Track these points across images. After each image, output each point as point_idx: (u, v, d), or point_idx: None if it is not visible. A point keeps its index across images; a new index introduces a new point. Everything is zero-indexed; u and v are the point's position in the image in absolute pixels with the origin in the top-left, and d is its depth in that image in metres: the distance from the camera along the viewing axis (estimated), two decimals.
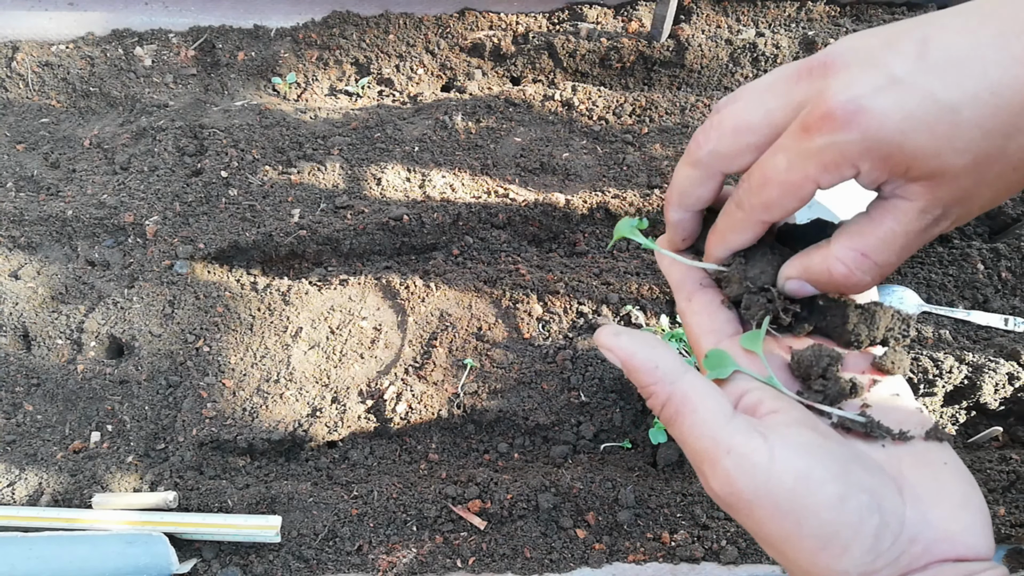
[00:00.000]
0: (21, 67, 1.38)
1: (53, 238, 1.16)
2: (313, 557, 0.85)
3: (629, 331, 0.31)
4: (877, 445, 0.31)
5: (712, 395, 0.29)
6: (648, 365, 0.29)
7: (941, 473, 0.30)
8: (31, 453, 0.97)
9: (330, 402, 0.99)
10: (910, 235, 0.30)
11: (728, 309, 0.36)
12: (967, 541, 0.28)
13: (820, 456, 0.27)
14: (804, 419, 0.30)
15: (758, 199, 0.31)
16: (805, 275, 0.32)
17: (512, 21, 1.46)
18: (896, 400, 0.33)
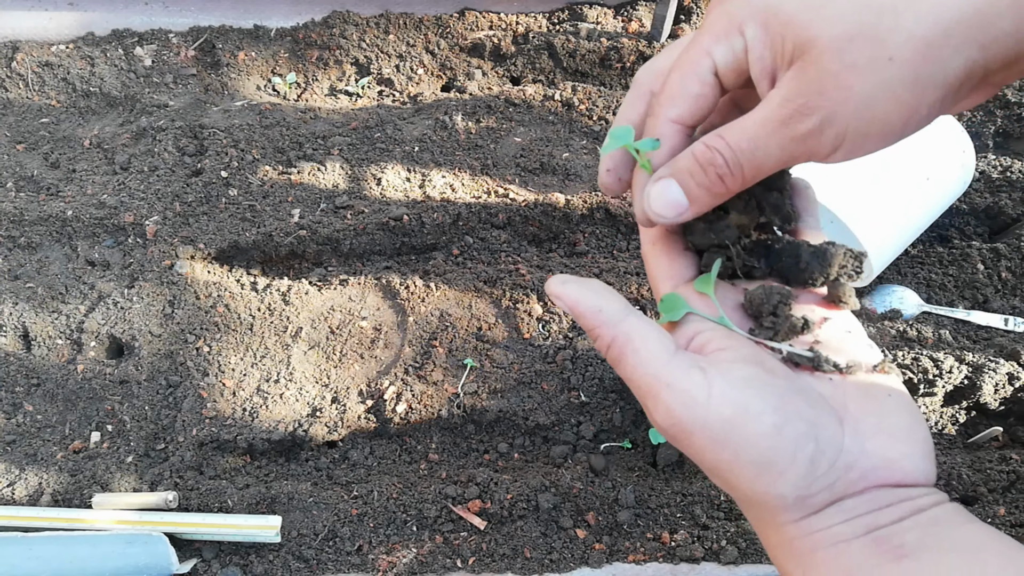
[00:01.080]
0: (21, 67, 1.38)
1: (53, 238, 1.16)
2: (313, 557, 0.85)
3: (576, 279, 0.31)
4: (825, 379, 0.32)
5: (654, 334, 0.30)
6: (593, 309, 0.30)
7: (885, 405, 0.31)
8: (31, 453, 0.97)
9: (330, 402, 0.99)
10: (769, 124, 0.29)
11: (691, 255, 0.37)
12: (905, 467, 0.29)
13: (759, 389, 0.28)
14: (751, 356, 0.31)
15: (664, 93, 0.32)
16: (675, 172, 0.32)
17: (512, 21, 1.46)
18: (847, 336, 0.34)
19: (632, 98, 0.35)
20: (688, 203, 0.32)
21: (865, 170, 1.02)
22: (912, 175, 1.03)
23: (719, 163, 0.30)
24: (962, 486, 0.91)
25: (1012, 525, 0.87)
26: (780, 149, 0.29)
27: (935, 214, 1.09)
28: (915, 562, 0.26)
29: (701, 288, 0.34)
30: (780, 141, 0.29)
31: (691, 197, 0.31)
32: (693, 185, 0.31)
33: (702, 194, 0.31)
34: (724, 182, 0.31)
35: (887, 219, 1.01)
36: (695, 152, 0.31)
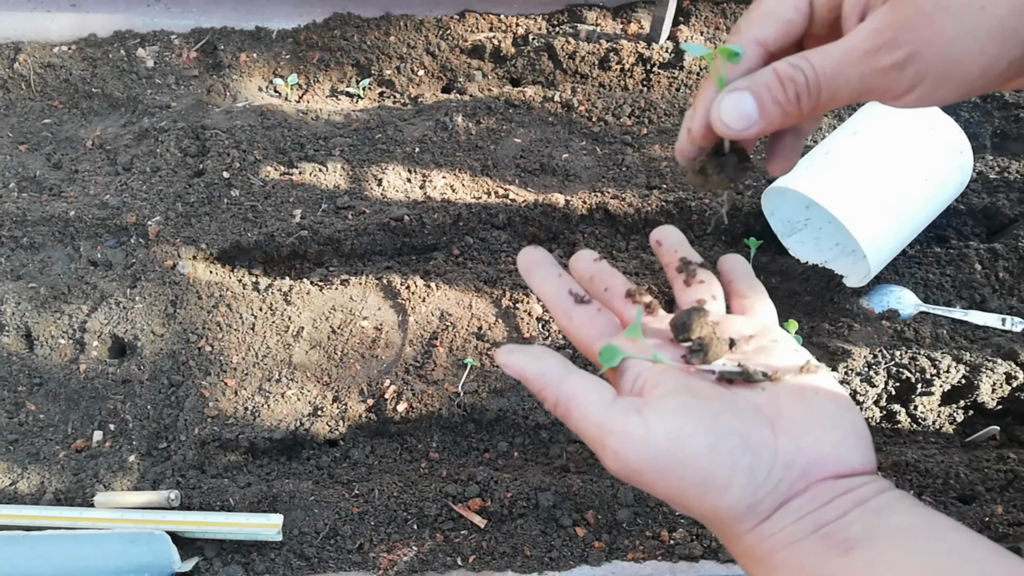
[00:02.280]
0: (23, 68, 1.38)
1: (56, 238, 1.17)
2: (314, 555, 0.86)
3: (521, 348, 0.34)
4: (758, 389, 0.34)
5: (593, 388, 0.32)
6: (536, 374, 0.33)
7: (814, 401, 0.33)
8: (34, 452, 0.97)
9: (331, 401, 0.99)
10: (855, 52, 0.30)
11: (605, 314, 0.40)
12: (840, 456, 0.31)
13: (690, 414, 0.31)
14: (682, 386, 0.33)
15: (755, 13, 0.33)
16: (752, 85, 0.32)
17: (512, 23, 1.47)
18: (774, 345, 0.37)
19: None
20: (758, 117, 0.32)
21: (863, 170, 1.02)
22: (910, 175, 1.03)
23: (800, 81, 0.31)
24: (960, 485, 0.92)
25: (1010, 524, 0.88)
26: (860, 79, 0.30)
27: (933, 214, 1.09)
28: (861, 552, 0.27)
29: (631, 335, 0.37)
30: (862, 70, 0.30)
31: (763, 112, 0.32)
32: (769, 99, 0.32)
33: (775, 110, 0.32)
34: (799, 101, 0.31)
35: (885, 219, 1.02)
36: (777, 68, 0.32)
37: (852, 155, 1.04)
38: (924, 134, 1.05)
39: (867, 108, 1.12)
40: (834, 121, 1.31)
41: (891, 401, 1.00)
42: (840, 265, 1.12)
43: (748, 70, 0.34)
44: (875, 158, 1.03)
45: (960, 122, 1.09)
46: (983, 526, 0.88)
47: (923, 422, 1.00)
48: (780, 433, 0.31)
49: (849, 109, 1.31)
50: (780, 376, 0.34)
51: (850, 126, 1.09)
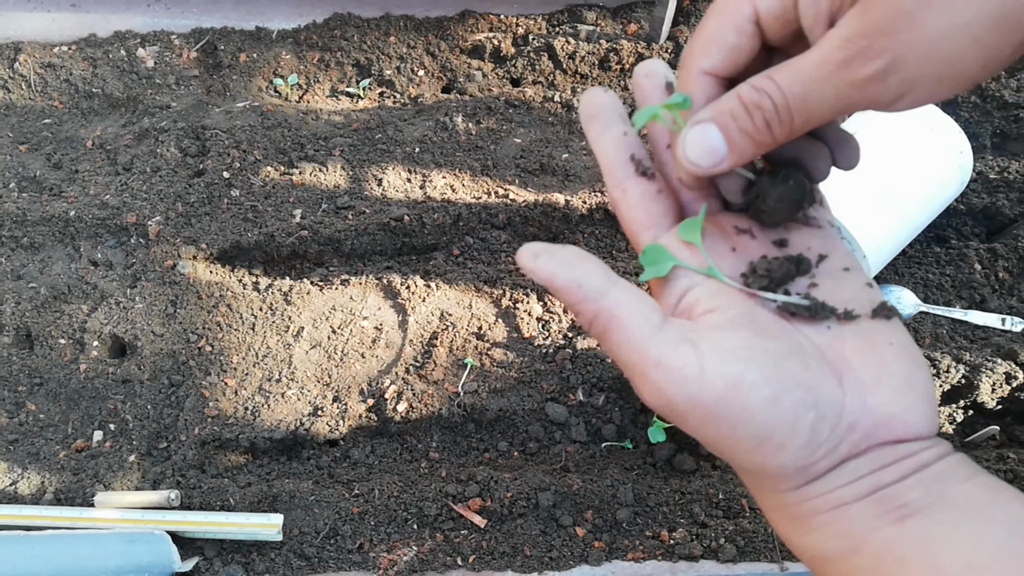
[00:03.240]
0: (23, 68, 1.38)
1: (56, 238, 1.17)
2: (315, 555, 0.86)
3: (550, 249, 0.28)
4: (822, 327, 0.30)
5: (639, 308, 0.27)
6: (571, 285, 0.27)
7: (886, 354, 0.29)
8: (34, 452, 0.97)
9: (331, 401, 0.99)
10: (826, 66, 0.26)
11: (666, 199, 0.33)
12: (908, 421, 0.28)
13: (752, 359, 0.27)
14: (743, 316, 0.29)
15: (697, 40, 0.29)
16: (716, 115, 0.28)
17: (512, 23, 1.47)
18: (845, 276, 0.32)
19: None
20: (727, 151, 0.28)
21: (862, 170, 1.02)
22: (909, 175, 1.03)
23: (767, 107, 0.27)
24: None
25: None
26: (836, 95, 0.26)
27: (932, 214, 1.09)
28: (918, 521, 0.26)
29: (686, 236, 0.31)
30: (837, 86, 0.26)
31: (731, 144, 0.28)
32: (735, 130, 0.28)
33: (744, 142, 0.28)
34: (771, 129, 0.28)
35: (884, 219, 1.02)
36: (740, 93, 0.28)
37: None
38: (923, 134, 1.05)
39: None
40: None
41: None
42: None
43: (706, 102, 0.30)
44: (874, 158, 1.03)
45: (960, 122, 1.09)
46: None
47: None
48: (847, 387, 0.28)
49: None
50: (851, 317, 0.30)
51: (849, 126, 1.10)
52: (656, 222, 0.33)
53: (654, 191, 0.33)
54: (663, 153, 0.34)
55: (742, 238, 0.33)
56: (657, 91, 0.34)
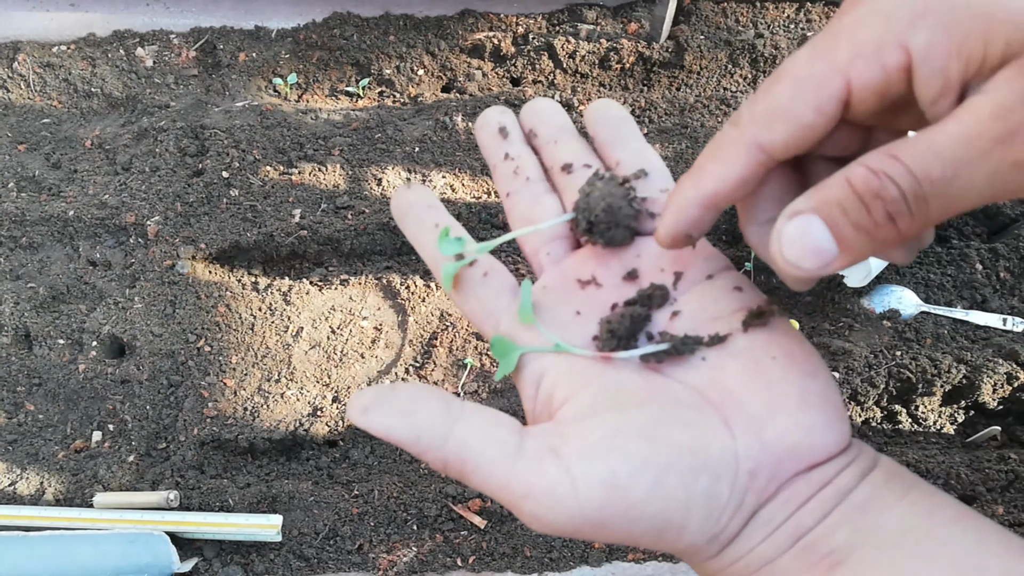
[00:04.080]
0: (23, 68, 1.38)
1: (55, 238, 1.17)
2: (314, 556, 0.86)
3: (380, 398, 0.25)
4: (696, 360, 0.26)
5: (491, 437, 0.24)
6: (409, 437, 0.24)
7: (771, 372, 0.25)
8: (33, 452, 0.97)
9: (331, 401, 0.99)
10: (978, 143, 0.20)
11: (495, 278, 0.30)
12: (814, 444, 0.24)
13: (623, 446, 0.24)
14: (602, 390, 0.26)
15: (761, 103, 0.23)
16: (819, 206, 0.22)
17: (512, 22, 1.47)
18: (709, 287, 0.28)
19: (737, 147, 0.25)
20: (838, 251, 0.22)
21: None
22: None
23: (891, 196, 0.21)
24: (961, 486, 0.92)
25: (1011, 524, 0.88)
26: (991, 179, 0.20)
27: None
28: (850, 570, 0.22)
29: (523, 319, 0.28)
30: (994, 168, 0.20)
31: (843, 243, 0.22)
32: (847, 226, 0.22)
33: (859, 240, 0.22)
34: (896, 224, 0.21)
35: None
36: (851, 178, 0.22)
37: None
38: None
39: None
40: None
41: (892, 401, 1.00)
42: None
43: (740, 183, 0.24)
44: None
45: None
46: None
47: (924, 422, 1.00)
48: (737, 429, 0.24)
49: None
50: (721, 340, 0.26)
51: None
52: (492, 308, 0.30)
53: (480, 276, 0.30)
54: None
55: (588, 291, 0.29)
56: (493, 139, 0.33)
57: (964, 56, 0.20)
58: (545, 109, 0.34)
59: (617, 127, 0.33)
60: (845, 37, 0.22)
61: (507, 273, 0.31)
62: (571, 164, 0.32)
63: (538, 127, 0.34)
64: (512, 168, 0.33)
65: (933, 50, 0.21)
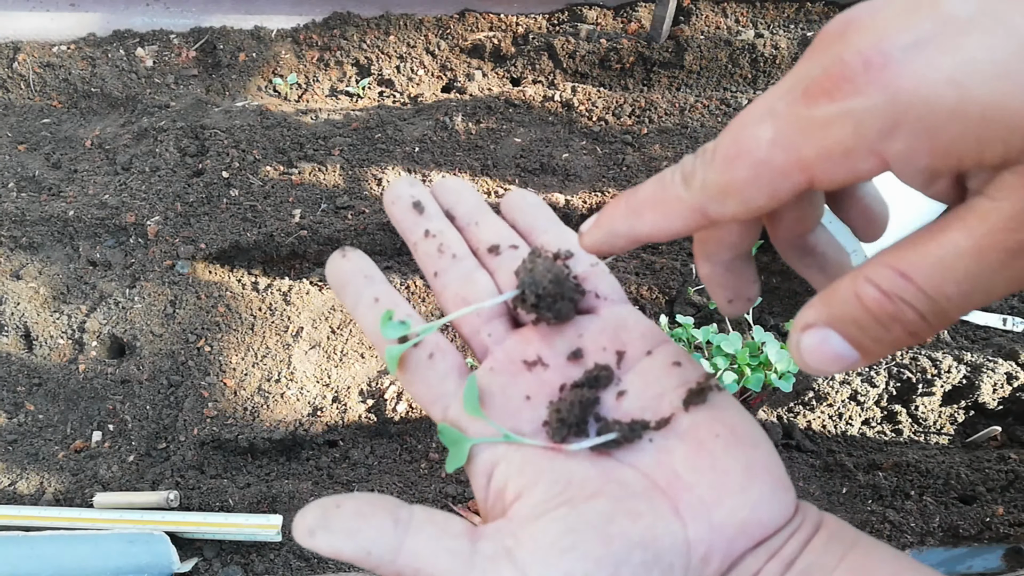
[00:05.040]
0: (23, 68, 1.38)
1: (55, 238, 1.17)
2: (314, 556, 0.86)
3: (325, 517, 0.24)
4: (644, 442, 0.27)
5: (442, 547, 0.24)
6: (359, 556, 0.24)
7: (715, 450, 0.26)
8: (33, 452, 0.97)
9: (331, 401, 0.99)
10: (991, 254, 0.19)
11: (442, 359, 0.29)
12: (762, 519, 0.25)
13: (576, 546, 0.24)
14: (554, 484, 0.26)
15: (715, 175, 0.22)
16: (833, 321, 0.22)
17: (512, 22, 1.47)
18: (650, 363, 0.29)
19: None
20: (859, 356, 0.23)
21: None
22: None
23: (910, 319, 0.21)
24: (960, 486, 0.92)
25: (1011, 524, 0.87)
26: (1007, 286, 0.20)
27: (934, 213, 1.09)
28: None
29: (470, 411, 0.28)
30: (1011, 276, 0.19)
31: (863, 350, 0.22)
32: (866, 339, 0.22)
33: (879, 348, 0.22)
34: (915, 336, 0.21)
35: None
36: (864, 298, 0.21)
37: None
38: None
39: None
40: None
41: (892, 401, 1.00)
42: None
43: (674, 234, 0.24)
44: None
45: None
46: (984, 526, 0.87)
47: (924, 422, 1.00)
48: (687, 514, 0.25)
49: None
50: (665, 423, 0.27)
51: None
52: (439, 392, 0.29)
53: (425, 357, 0.29)
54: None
55: (535, 373, 0.29)
56: (407, 214, 0.33)
57: (955, 156, 0.19)
58: (458, 189, 0.34)
59: (535, 214, 0.34)
60: (813, 135, 0.20)
61: (454, 353, 0.30)
62: (498, 245, 0.32)
63: (455, 208, 0.34)
64: (436, 246, 0.32)
65: (915, 155, 0.19)
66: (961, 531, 0.87)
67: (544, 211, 0.34)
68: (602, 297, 0.31)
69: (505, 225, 0.34)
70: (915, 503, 0.90)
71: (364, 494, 0.26)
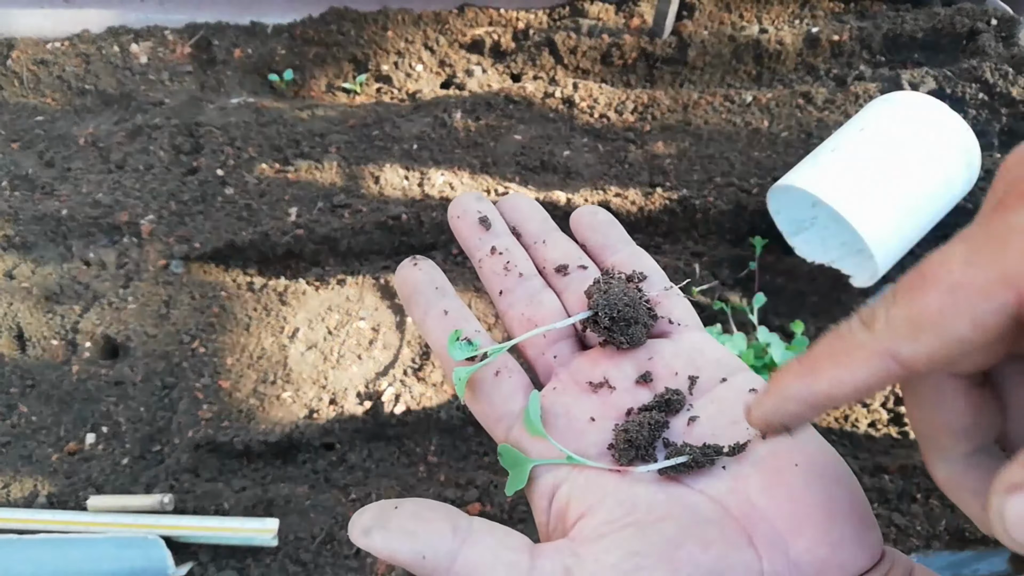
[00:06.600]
0: (16, 65, 1.37)
1: (48, 237, 1.15)
2: (310, 560, 0.85)
3: (382, 517, 0.24)
4: (717, 470, 0.25)
5: (501, 559, 0.23)
6: (415, 559, 0.23)
7: (795, 482, 0.24)
8: (26, 455, 0.96)
9: (327, 403, 0.98)
10: None
11: (508, 377, 0.29)
12: (843, 562, 0.23)
13: (640, 568, 0.22)
14: (619, 506, 0.25)
15: (902, 309, 0.19)
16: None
17: (512, 17, 1.45)
18: (725, 389, 0.27)
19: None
20: None
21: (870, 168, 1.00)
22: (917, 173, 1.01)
23: None
24: None
25: None
26: None
27: (940, 213, 1.07)
28: None
29: (531, 431, 0.27)
30: None
31: None
32: None
33: None
34: None
35: (892, 218, 1.00)
36: None
37: (859, 153, 1.02)
38: (932, 132, 1.03)
39: (873, 105, 1.10)
40: (840, 118, 1.29)
41: (898, 403, 0.98)
42: (847, 265, 1.10)
43: (860, 390, 0.20)
44: (882, 156, 1.01)
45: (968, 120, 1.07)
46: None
47: None
48: (762, 546, 0.23)
49: (856, 105, 1.29)
50: (741, 449, 0.25)
51: (857, 123, 1.07)
52: (504, 412, 0.28)
53: (491, 376, 0.29)
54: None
55: (601, 395, 0.28)
56: (473, 230, 0.32)
57: None
58: (526, 207, 0.34)
59: (606, 232, 0.33)
60: (1016, 243, 0.17)
61: (521, 373, 0.29)
62: (567, 266, 0.32)
63: (523, 225, 0.33)
64: (502, 263, 0.31)
65: None
66: (967, 534, 0.86)
67: (615, 229, 0.33)
68: (676, 323, 0.30)
69: (574, 245, 0.33)
70: (921, 506, 0.89)
71: (423, 499, 0.25)
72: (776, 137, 1.26)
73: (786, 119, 1.29)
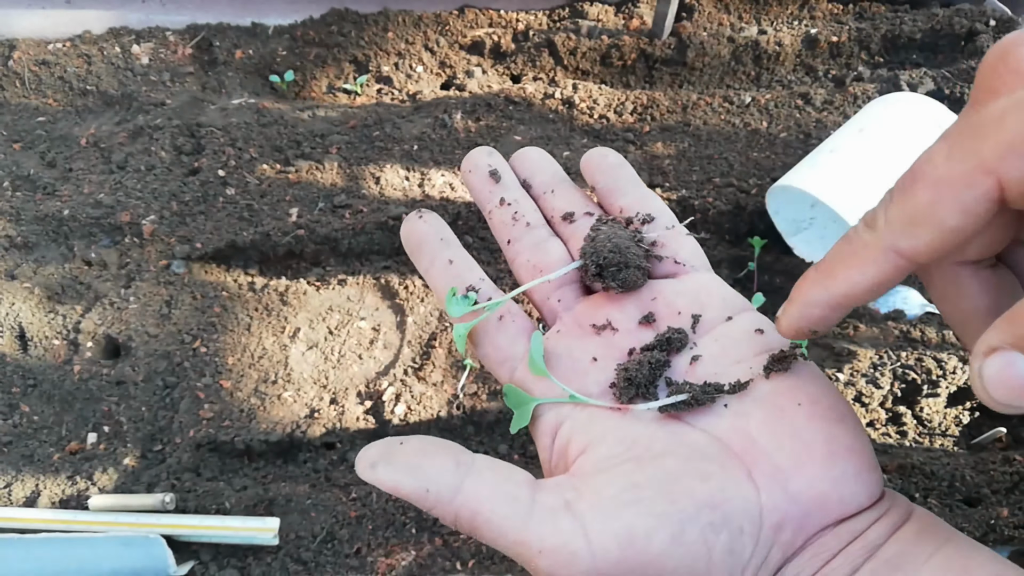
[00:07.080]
0: (18, 66, 1.37)
1: (50, 238, 1.16)
2: (311, 559, 0.85)
3: (388, 452, 0.24)
4: (719, 408, 0.25)
5: (502, 491, 0.24)
6: (418, 492, 0.24)
7: (796, 419, 0.24)
8: (28, 454, 0.96)
9: (328, 403, 0.98)
10: None
11: (511, 322, 0.29)
12: (843, 497, 0.23)
13: (639, 500, 0.23)
14: (619, 442, 0.25)
15: (897, 208, 0.21)
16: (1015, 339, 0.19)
17: (512, 18, 1.45)
18: (729, 328, 0.28)
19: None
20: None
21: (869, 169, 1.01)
22: None
23: None
24: (965, 488, 0.91)
25: (1015, 527, 0.86)
26: None
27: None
28: None
29: (534, 371, 0.28)
30: None
31: None
32: None
33: None
34: None
35: None
36: None
37: (858, 153, 1.02)
38: (931, 132, 1.03)
39: (872, 106, 1.10)
40: (839, 119, 1.29)
41: (897, 403, 0.99)
42: None
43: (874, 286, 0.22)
44: (881, 156, 1.01)
45: None
46: (988, 528, 0.86)
47: (929, 424, 0.99)
48: (761, 480, 0.24)
49: (855, 106, 1.29)
50: (743, 387, 0.26)
51: (856, 124, 1.08)
52: (508, 354, 0.29)
53: (495, 320, 0.30)
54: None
55: (604, 337, 0.29)
56: (483, 183, 0.32)
57: None
58: (536, 158, 0.35)
59: (616, 175, 0.33)
60: (989, 132, 0.19)
61: (524, 317, 0.30)
62: (573, 213, 0.33)
63: (533, 177, 0.34)
64: (510, 214, 0.32)
65: None
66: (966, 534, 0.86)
67: (625, 171, 0.34)
68: (682, 263, 0.30)
69: (582, 193, 0.34)
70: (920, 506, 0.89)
71: (428, 436, 0.25)
72: (775, 138, 1.26)
73: (785, 120, 1.29)
